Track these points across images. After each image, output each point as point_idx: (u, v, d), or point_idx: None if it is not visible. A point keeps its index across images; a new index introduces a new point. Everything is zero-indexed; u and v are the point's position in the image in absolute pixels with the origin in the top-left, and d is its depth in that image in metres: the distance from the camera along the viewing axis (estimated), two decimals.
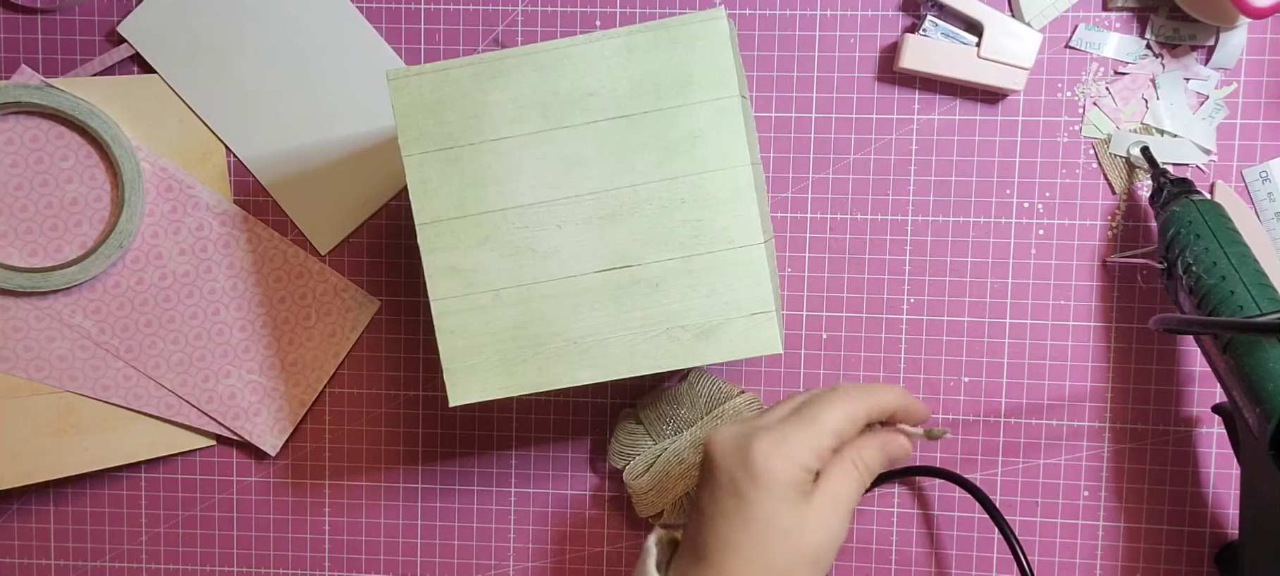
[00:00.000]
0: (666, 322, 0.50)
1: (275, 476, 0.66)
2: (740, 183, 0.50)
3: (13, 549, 0.67)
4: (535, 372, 0.51)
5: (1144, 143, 0.60)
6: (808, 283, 0.63)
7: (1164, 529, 0.63)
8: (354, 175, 0.64)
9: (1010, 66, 0.59)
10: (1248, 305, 0.51)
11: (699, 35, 0.49)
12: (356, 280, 0.65)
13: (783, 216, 0.63)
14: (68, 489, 0.67)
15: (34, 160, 0.63)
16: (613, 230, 0.50)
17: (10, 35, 0.64)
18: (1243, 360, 0.51)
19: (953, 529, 0.64)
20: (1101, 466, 0.63)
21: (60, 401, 0.64)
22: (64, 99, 0.61)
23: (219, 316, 0.64)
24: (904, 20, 0.61)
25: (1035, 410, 0.63)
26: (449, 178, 0.50)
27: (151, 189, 0.63)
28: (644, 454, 0.62)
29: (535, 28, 0.63)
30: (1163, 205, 0.57)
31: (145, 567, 0.67)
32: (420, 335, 0.65)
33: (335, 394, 0.66)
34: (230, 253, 0.64)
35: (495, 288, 0.51)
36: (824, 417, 0.49)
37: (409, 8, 0.63)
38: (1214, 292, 0.52)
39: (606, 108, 0.50)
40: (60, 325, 0.63)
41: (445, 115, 0.50)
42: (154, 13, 0.63)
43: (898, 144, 0.62)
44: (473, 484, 0.66)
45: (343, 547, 0.67)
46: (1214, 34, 0.60)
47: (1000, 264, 0.62)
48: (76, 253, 0.63)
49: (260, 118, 0.63)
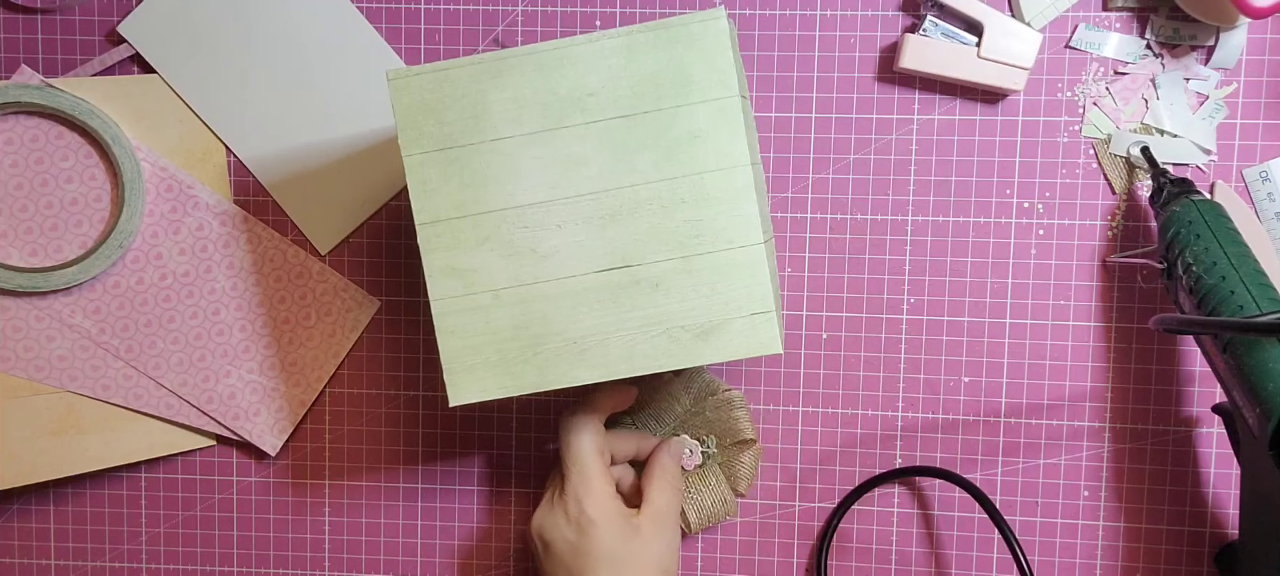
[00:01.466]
0: (666, 322, 0.50)
1: (275, 476, 0.66)
2: (740, 183, 0.50)
3: (13, 549, 0.67)
4: (535, 372, 0.51)
5: (1144, 143, 0.60)
6: (808, 282, 0.63)
7: (1164, 529, 0.63)
8: (354, 175, 0.64)
9: (1010, 66, 0.59)
10: (1248, 305, 0.51)
11: (699, 35, 0.49)
12: (356, 280, 0.65)
13: (783, 216, 0.63)
14: (68, 489, 0.67)
15: (34, 160, 0.63)
16: (613, 230, 0.50)
17: (10, 35, 0.64)
18: (1243, 360, 0.51)
19: (953, 528, 0.64)
20: (1101, 466, 0.63)
21: (60, 401, 0.64)
22: (64, 99, 0.61)
23: (219, 316, 0.64)
24: (904, 20, 0.61)
25: (1035, 410, 0.63)
26: (449, 178, 0.50)
27: (151, 189, 0.63)
28: None
29: (535, 28, 0.63)
30: (1163, 205, 0.57)
31: (145, 567, 0.67)
32: (420, 335, 0.65)
33: (335, 394, 0.66)
34: (230, 253, 0.64)
35: (495, 288, 0.51)
36: (581, 456, 0.55)
37: (409, 8, 0.63)
38: (1214, 292, 0.52)
39: (606, 108, 0.50)
40: (60, 325, 0.63)
41: (445, 115, 0.50)
42: (154, 13, 0.63)
43: (898, 144, 0.62)
44: (472, 484, 0.66)
45: (343, 547, 0.67)
46: (1214, 34, 0.60)
47: (1000, 264, 0.62)
48: (76, 253, 0.63)
49: (260, 118, 0.63)
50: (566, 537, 0.54)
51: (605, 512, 0.54)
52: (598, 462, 0.55)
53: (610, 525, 0.54)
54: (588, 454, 0.55)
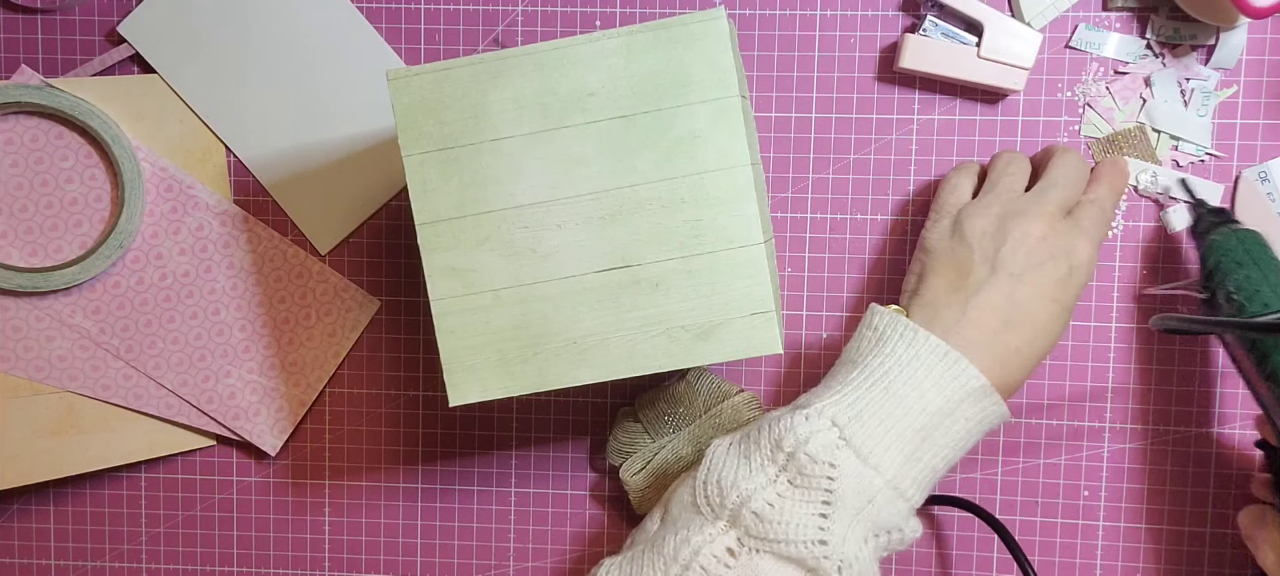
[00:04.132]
0: (666, 322, 0.50)
1: (275, 476, 0.66)
2: (740, 183, 0.50)
3: (13, 549, 0.67)
4: (535, 372, 0.51)
5: (1182, 176, 0.60)
6: (808, 282, 0.63)
7: (1164, 529, 0.63)
8: (354, 175, 0.64)
9: (1010, 66, 0.59)
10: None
11: (699, 35, 0.49)
12: (356, 280, 0.65)
13: (783, 216, 0.63)
14: (68, 489, 0.67)
15: (34, 160, 0.63)
16: (613, 230, 0.50)
17: (10, 35, 0.64)
18: (1272, 360, 0.51)
19: (952, 528, 0.64)
20: (1101, 466, 0.63)
21: (60, 401, 0.64)
22: (64, 99, 0.61)
23: (219, 316, 0.64)
24: (904, 20, 0.61)
25: (1035, 410, 0.63)
26: (449, 178, 0.50)
27: (151, 189, 0.63)
28: (642, 452, 0.62)
29: (535, 28, 0.63)
30: (1202, 234, 0.57)
31: (145, 567, 0.67)
32: (420, 335, 0.65)
33: (335, 394, 0.66)
34: (230, 253, 0.64)
35: (495, 287, 0.51)
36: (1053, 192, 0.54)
37: (409, 8, 0.63)
38: None
39: (606, 108, 0.50)
40: (60, 325, 0.63)
41: (445, 115, 0.50)
42: (154, 13, 0.63)
43: (898, 144, 0.62)
44: (473, 484, 0.66)
45: (343, 547, 0.67)
46: (1214, 34, 0.60)
47: None
48: (76, 253, 0.63)
49: (260, 118, 0.63)
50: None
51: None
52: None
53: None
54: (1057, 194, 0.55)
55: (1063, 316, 0.53)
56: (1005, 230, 0.53)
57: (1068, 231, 0.53)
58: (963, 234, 0.54)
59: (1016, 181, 0.56)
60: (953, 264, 0.53)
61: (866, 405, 0.50)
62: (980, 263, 0.53)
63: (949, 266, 0.54)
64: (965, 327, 0.51)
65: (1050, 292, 0.52)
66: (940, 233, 0.55)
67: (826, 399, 0.50)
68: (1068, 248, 0.53)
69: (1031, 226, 0.52)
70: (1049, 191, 0.54)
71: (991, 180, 0.56)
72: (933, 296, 0.53)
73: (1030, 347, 0.52)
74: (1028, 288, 0.52)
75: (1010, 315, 0.51)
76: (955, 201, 0.56)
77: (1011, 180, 0.56)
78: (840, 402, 0.50)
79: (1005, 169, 0.56)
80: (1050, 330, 0.52)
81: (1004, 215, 0.53)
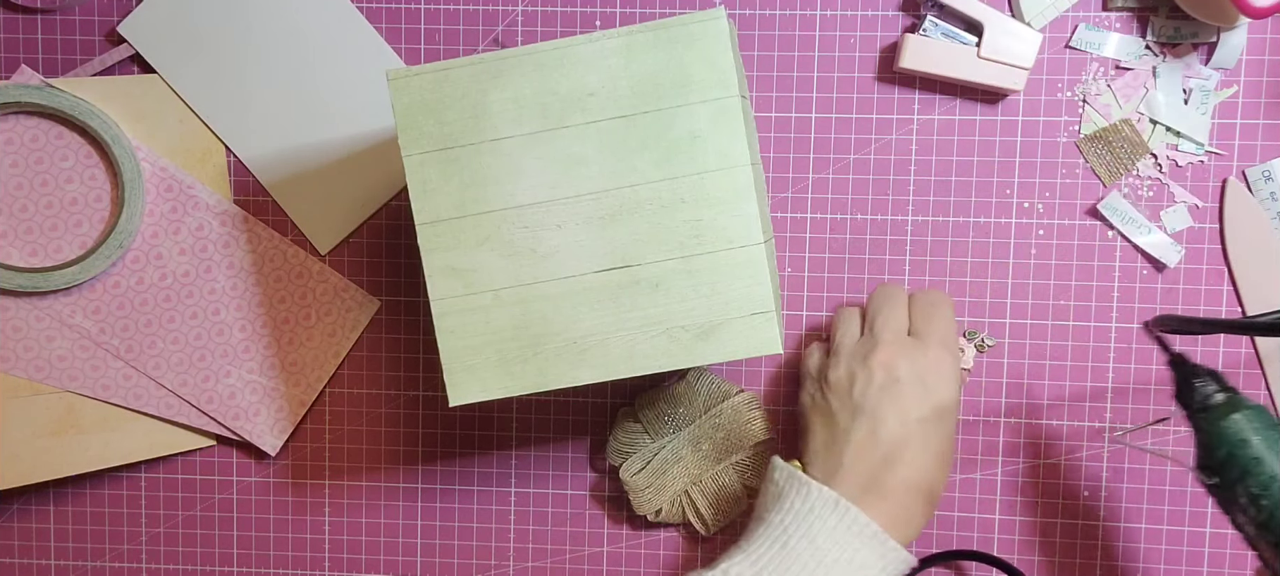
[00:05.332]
0: (666, 322, 0.50)
1: (275, 476, 0.66)
2: (740, 183, 0.50)
3: (13, 549, 0.67)
4: (535, 372, 0.51)
5: (1170, 355, 0.53)
6: (808, 282, 0.63)
7: (1164, 529, 0.63)
8: (354, 175, 0.64)
9: (1010, 66, 0.59)
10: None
11: (698, 35, 0.49)
12: (356, 280, 0.65)
13: (783, 216, 0.63)
14: (68, 489, 0.67)
15: (34, 160, 0.63)
16: (613, 230, 0.50)
17: (10, 35, 0.64)
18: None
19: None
20: (1101, 466, 0.63)
21: (60, 401, 0.64)
22: (64, 99, 0.61)
23: (219, 316, 0.64)
24: (904, 20, 0.61)
25: (1035, 410, 0.63)
26: (449, 178, 0.50)
27: (151, 189, 0.63)
28: (642, 452, 0.62)
29: (535, 28, 0.63)
30: (1201, 412, 0.51)
31: (145, 567, 0.67)
32: (420, 335, 0.65)
33: (335, 394, 0.66)
34: (230, 253, 0.64)
35: (495, 287, 0.51)
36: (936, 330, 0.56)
37: (409, 8, 0.63)
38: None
39: (606, 108, 0.50)
40: (60, 325, 0.63)
41: (445, 115, 0.50)
42: (154, 13, 0.63)
43: (898, 144, 0.62)
44: (473, 484, 0.66)
45: (343, 547, 0.67)
46: (1214, 34, 0.60)
47: (1000, 264, 0.62)
48: (76, 253, 0.63)
49: (260, 118, 0.63)
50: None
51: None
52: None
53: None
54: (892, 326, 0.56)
55: (939, 432, 0.54)
56: (853, 372, 0.55)
57: (910, 348, 0.55)
58: (826, 388, 0.56)
59: (891, 319, 0.57)
60: (822, 419, 0.55)
61: (767, 564, 0.51)
62: (840, 410, 0.54)
63: (821, 423, 0.55)
64: (847, 476, 0.53)
65: (913, 413, 0.53)
66: (808, 394, 0.58)
67: (732, 560, 0.52)
68: (913, 362, 0.54)
69: (876, 357, 0.54)
70: (877, 322, 0.56)
71: (849, 332, 0.58)
72: (815, 452, 0.55)
73: (921, 475, 0.53)
74: (890, 417, 0.53)
75: (886, 450, 0.53)
76: (814, 364, 0.58)
77: (882, 319, 0.57)
78: (743, 563, 0.51)
79: (878, 308, 0.58)
80: (932, 449, 0.53)
81: (851, 358, 0.55)
